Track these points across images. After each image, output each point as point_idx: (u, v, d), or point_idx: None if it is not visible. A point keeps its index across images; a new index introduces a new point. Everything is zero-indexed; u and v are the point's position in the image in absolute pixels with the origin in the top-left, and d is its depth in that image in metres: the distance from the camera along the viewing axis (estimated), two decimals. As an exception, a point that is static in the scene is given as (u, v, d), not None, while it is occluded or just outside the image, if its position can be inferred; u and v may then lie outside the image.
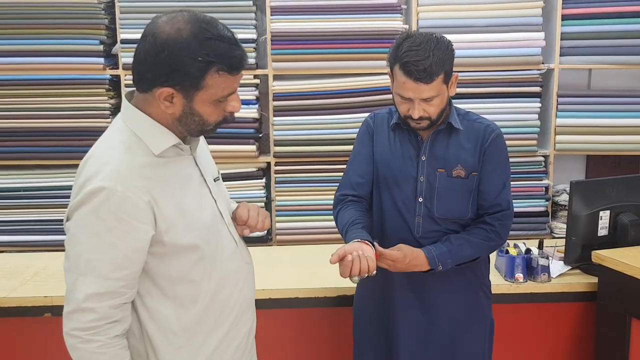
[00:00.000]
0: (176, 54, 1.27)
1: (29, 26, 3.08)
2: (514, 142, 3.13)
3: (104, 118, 3.13)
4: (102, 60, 3.10)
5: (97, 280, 1.29)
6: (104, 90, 3.12)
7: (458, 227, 1.86)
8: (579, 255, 2.33)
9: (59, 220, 3.17)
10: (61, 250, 2.82)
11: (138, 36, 1.34)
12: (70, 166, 3.16)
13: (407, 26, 3.13)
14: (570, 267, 2.36)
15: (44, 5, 3.06)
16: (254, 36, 3.12)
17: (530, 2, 3.09)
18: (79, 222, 1.30)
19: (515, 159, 3.18)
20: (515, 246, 2.39)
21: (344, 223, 1.83)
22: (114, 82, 3.17)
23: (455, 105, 1.90)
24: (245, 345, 1.56)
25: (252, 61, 3.12)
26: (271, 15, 3.10)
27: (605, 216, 2.33)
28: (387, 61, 1.78)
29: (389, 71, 1.80)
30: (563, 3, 3.08)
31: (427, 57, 1.67)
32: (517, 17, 3.10)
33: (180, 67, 1.28)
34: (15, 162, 3.20)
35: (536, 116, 3.19)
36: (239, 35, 3.08)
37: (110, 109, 3.15)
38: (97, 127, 3.11)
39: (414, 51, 1.68)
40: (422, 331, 1.89)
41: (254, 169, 3.21)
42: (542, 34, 3.10)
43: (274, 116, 3.17)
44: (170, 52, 1.27)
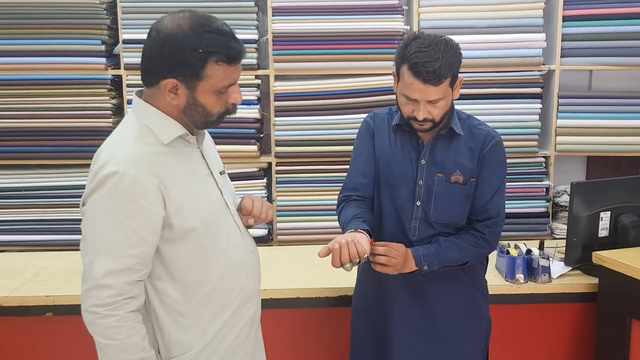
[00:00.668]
0: (177, 46, 1.37)
1: (31, 26, 3.09)
2: (515, 143, 3.14)
3: (106, 118, 3.14)
4: (103, 60, 3.10)
5: (112, 258, 1.36)
6: (106, 90, 3.13)
7: (454, 232, 1.87)
8: (579, 256, 2.33)
9: (60, 220, 3.19)
10: (62, 250, 2.86)
11: (140, 36, 1.39)
12: (71, 166, 3.17)
13: (408, 27, 3.13)
14: (570, 268, 2.36)
15: (46, 5, 3.07)
16: (256, 37, 3.13)
17: (531, 4, 3.10)
18: (95, 205, 1.38)
19: (515, 160, 3.20)
20: (516, 247, 2.40)
21: (345, 219, 1.83)
22: (116, 82, 3.18)
23: (457, 106, 1.90)
24: (250, 329, 1.62)
25: (253, 61, 3.12)
26: (273, 15, 3.10)
27: (605, 217, 2.33)
28: (394, 61, 1.77)
29: (394, 71, 1.79)
30: (564, 4, 3.09)
31: (436, 59, 1.66)
32: (518, 19, 3.11)
33: (182, 59, 1.37)
34: (17, 162, 3.21)
35: (537, 117, 3.19)
36: (241, 35, 3.08)
37: (111, 109, 3.16)
38: (98, 127, 3.12)
39: (423, 52, 1.67)
40: (418, 331, 1.90)
41: (255, 169, 3.22)
42: (543, 35, 3.11)
43: (275, 116, 3.17)
44: (172, 45, 1.37)
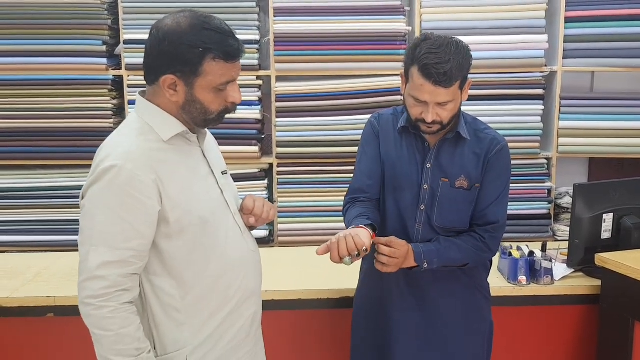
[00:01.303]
0: (176, 42, 1.40)
1: (32, 26, 3.08)
2: (517, 145, 3.13)
3: (107, 119, 3.12)
4: (104, 60, 3.09)
5: (108, 250, 1.38)
6: (107, 90, 3.11)
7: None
8: (582, 258, 2.33)
9: (61, 221, 3.18)
10: (63, 250, 2.85)
11: (141, 37, 1.40)
12: (72, 166, 3.16)
13: (409, 28, 3.13)
14: (573, 270, 2.36)
15: (47, 6, 3.06)
16: (257, 37, 3.12)
17: (534, 5, 3.09)
18: (93, 198, 1.41)
19: (517, 162, 3.19)
20: (519, 249, 2.39)
21: (348, 220, 1.82)
22: (117, 83, 3.16)
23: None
24: (250, 328, 1.61)
25: (254, 62, 3.12)
26: (274, 16, 3.10)
27: (608, 219, 2.33)
28: (402, 62, 1.76)
29: (402, 72, 1.77)
30: (566, 5, 3.08)
31: (447, 61, 1.64)
32: (520, 20, 3.10)
33: (180, 55, 1.40)
34: (18, 162, 3.20)
35: (539, 118, 3.18)
36: (242, 36, 3.07)
37: (112, 109, 3.14)
38: (99, 128, 3.11)
39: (434, 54, 1.65)
40: (419, 333, 1.89)
41: (256, 170, 3.21)
42: (545, 37, 3.10)
43: (277, 117, 3.16)
44: (171, 41, 1.40)
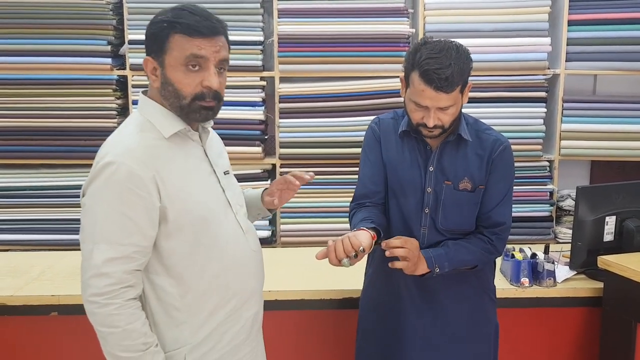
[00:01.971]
0: (151, 23, 1.46)
1: (37, 26, 3.10)
2: (519, 147, 3.14)
3: (111, 118, 3.14)
4: (109, 60, 3.11)
5: (110, 246, 1.38)
6: (111, 90, 3.13)
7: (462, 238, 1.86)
8: (584, 261, 2.33)
9: (64, 220, 3.19)
10: (67, 249, 2.85)
11: None
12: (76, 166, 3.17)
13: (413, 30, 3.14)
14: (575, 272, 2.36)
15: (52, 6, 3.08)
16: (261, 38, 3.13)
17: (537, 8, 3.10)
18: (92, 195, 1.41)
19: (520, 164, 3.19)
20: (521, 251, 2.40)
21: (354, 223, 1.80)
22: (121, 83, 3.18)
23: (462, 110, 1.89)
24: (250, 329, 1.60)
25: (258, 63, 3.13)
26: (278, 17, 3.11)
27: (611, 221, 2.33)
28: (402, 66, 1.75)
29: (402, 76, 1.76)
30: (569, 9, 3.09)
31: (448, 66, 1.62)
32: (523, 22, 3.11)
33: (151, 35, 1.44)
34: (22, 162, 3.21)
35: (541, 121, 3.19)
36: (246, 37, 3.10)
37: (117, 109, 3.16)
38: (103, 128, 3.12)
39: (434, 59, 1.63)
40: (427, 334, 1.89)
41: (260, 171, 3.22)
42: (548, 39, 3.11)
43: (280, 118, 3.17)
44: (150, 24, 1.46)
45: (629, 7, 3.09)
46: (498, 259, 2.02)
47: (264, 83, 3.17)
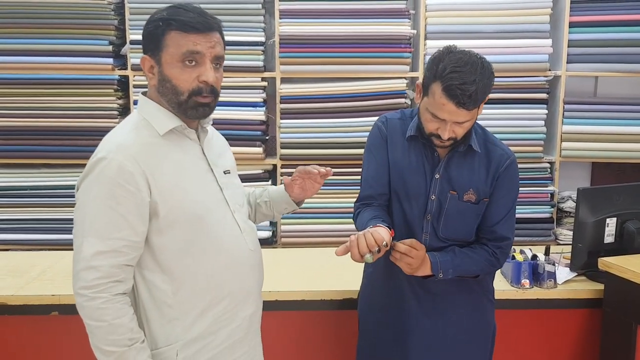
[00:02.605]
0: (147, 22, 1.47)
1: (39, 26, 3.10)
2: (520, 148, 3.14)
3: (112, 118, 3.15)
4: (110, 60, 3.11)
5: (99, 240, 1.39)
6: (112, 90, 3.14)
7: (464, 245, 1.86)
8: (585, 262, 2.33)
9: (64, 219, 3.19)
10: (67, 249, 2.85)
11: None
12: (77, 166, 3.17)
13: (414, 31, 3.14)
14: (576, 274, 2.36)
15: (54, 5, 3.08)
16: (263, 39, 3.14)
17: (538, 9, 3.10)
18: (84, 189, 1.44)
19: (521, 165, 3.15)
20: (522, 252, 2.40)
21: (362, 222, 1.77)
22: (123, 83, 3.19)
23: None
24: (247, 329, 1.60)
25: (260, 64, 3.13)
26: (280, 18, 3.11)
27: (611, 223, 2.33)
28: (424, 74, 1.69)
29: (419, 83, 1.72)
30: (571, 10, 3.10)
31: (472, 82, 1.58)
32: (524, 24, 3.11)
33: (148, 34, 1.46)
34: (22, 161, 3.21)
35: (542, 122, 3.20)
36: (248, 38, 3.10)
37: (118, 109, 3.17)
38: (104, 127, 3.11)
39: (459, 72, 1.58)
40: (429, 337, 1.88)
41: (260, 171, 3.22)
42: (549, 41, 3.11)
43: (281, 119, 3.18)
44: (146, 23, 1.48)
45: (630, 9, 3.10)
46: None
47: (265, 84, 3.17)
